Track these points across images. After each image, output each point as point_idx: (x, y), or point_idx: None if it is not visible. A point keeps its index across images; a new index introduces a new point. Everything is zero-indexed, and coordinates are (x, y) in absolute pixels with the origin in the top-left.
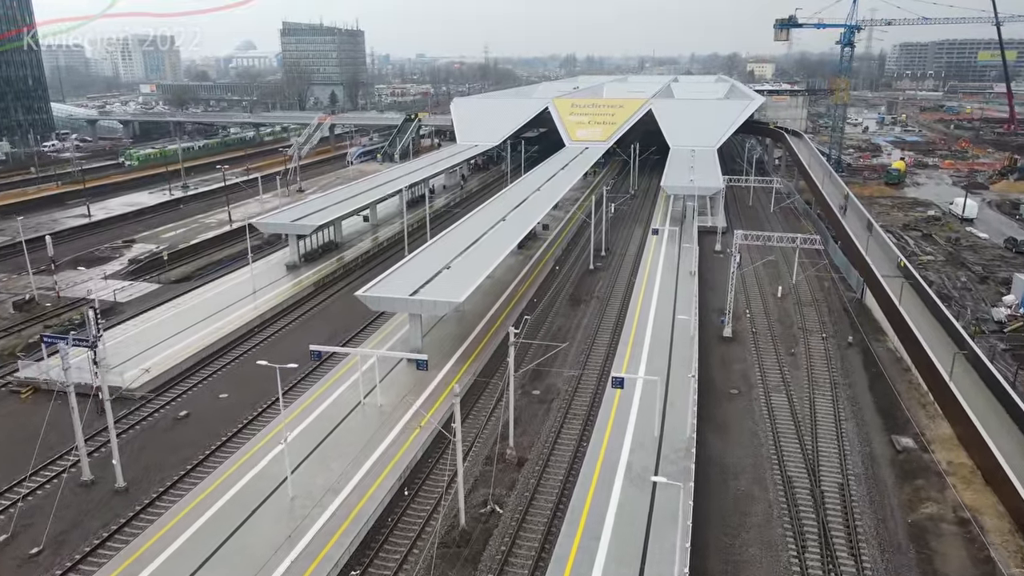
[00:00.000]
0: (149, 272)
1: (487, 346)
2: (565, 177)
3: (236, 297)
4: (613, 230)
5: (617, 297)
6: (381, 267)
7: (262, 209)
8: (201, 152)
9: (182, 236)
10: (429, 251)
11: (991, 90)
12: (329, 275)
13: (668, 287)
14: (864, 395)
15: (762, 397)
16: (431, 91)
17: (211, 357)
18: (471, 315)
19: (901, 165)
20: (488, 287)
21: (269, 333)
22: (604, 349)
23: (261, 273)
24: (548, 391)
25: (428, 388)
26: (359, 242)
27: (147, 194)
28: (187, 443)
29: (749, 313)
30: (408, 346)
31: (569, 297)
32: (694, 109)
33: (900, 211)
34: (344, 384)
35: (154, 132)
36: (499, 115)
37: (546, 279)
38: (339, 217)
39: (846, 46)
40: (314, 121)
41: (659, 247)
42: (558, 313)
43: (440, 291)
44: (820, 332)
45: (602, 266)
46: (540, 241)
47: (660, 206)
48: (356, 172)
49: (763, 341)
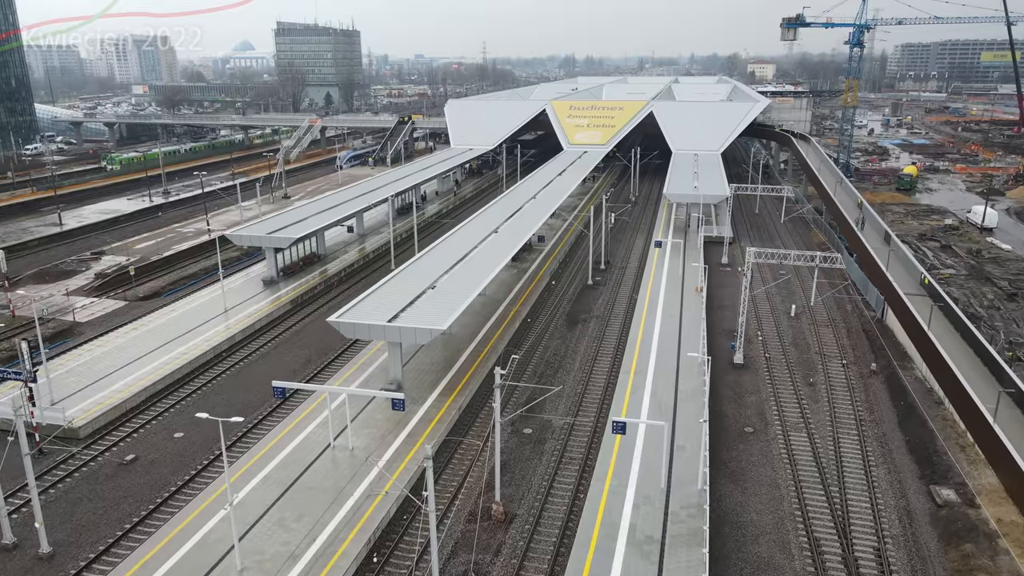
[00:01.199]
0: (116, 287)
1: (475, 374)
2: (562, 183)
3: (206, 316)
4: (613, 240)
5: (618, 316)
6: (367, 281)
7: (242, 218)
8: (187, 156)
9: (155, 247)
10: (414, 267)
11: (996, 91)
12: (309, 291)
13: (673, 306)
14: (894, 434)
15: (780, 437)
16: (428, 92)
17: (170, 388)
18: (458, 338)
19: (913, 170)
20: (478, 305)
21: (238, 358)
22: (603, 378)
23: (235, 289)
24: (541, 428)
25: (407, 427)
26: (344, 254)
27: (126, 200)
28: (130, 495)
29: (761, 335)
30: (387, 376)
31: (566, 316)
32: (697, 112)
33: (914, 219)
34: (313, 422)
35: (143, 135)
36: (495, 118)
37: (541, 296)
38: (321, 228)
39: (855, 46)
40: (304, 123)
41: (662, 260)
42: (553, 335)
43: (422, 316)
44: (839, 357)
45: (601, 281)
46: (535, 253)
47: (662, 214)
48: (346, 177)
49: (778, 368)
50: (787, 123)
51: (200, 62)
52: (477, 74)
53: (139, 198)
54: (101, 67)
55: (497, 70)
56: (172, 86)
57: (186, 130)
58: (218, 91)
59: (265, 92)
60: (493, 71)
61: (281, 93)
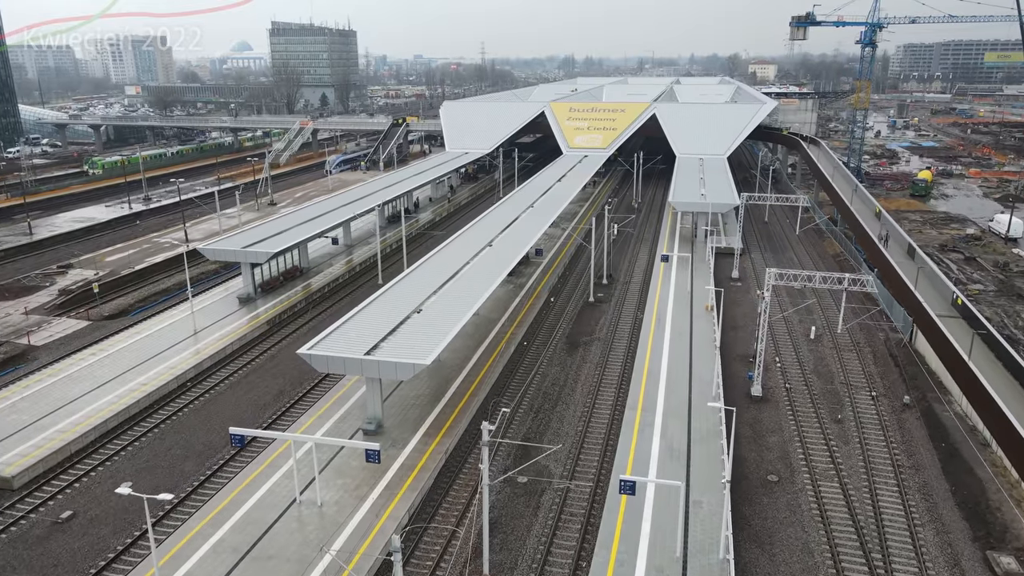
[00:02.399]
0: (80, 305)
1: (465, 409)
2: (562, 191)
3: (174, 339)
4: (615, 251)
5: (622, 338)
6: (352, 297)
7: (220, 228)
8: (173, 159)
9: (127, 260)
10: (399, 287)
11: (1001, 92)
12: (289, 309)
13: (682, 326)
14: (938, 483)
15: (809, 487)
16: (426, 93)
17: (123, 426)
18: (448, 366)
19: (928, 175)
20: (471, 327)
21: (204, 389)
22: (607, 413)
23: (209, 307)
24: (538, 472)
25: (385, 476)
26: (329, 267)
27: (104, 207)
28: (61, 562)
29: (779, 362)
30: (365, 414)
31: (565, 339)
32: (701, 114)
33: (933, 228)
34: (279, 470)
35: (130, 137)
36: (492, 120)
37: (539, 314)
38: (303, 240)
39: (867, 45)
40: (295, 126)
41: (668, 274)
42: (552, 361)
43: (405, 347)
44: (867, 387)
45: (604, 297)
46: (532, 266)
47: (667, 222)
48: (337, 183)
49: (800, 402)
50: (792, 125)
51: (198, 62)
52: (475, 75)
53: (118, 205)
54: (97, 68)
55: (496, 70)
56: (164, 87)
57: (176, 132)
58: (212, 92)
59: (259, 93)
60: (492, 71)
61: (276, 94)
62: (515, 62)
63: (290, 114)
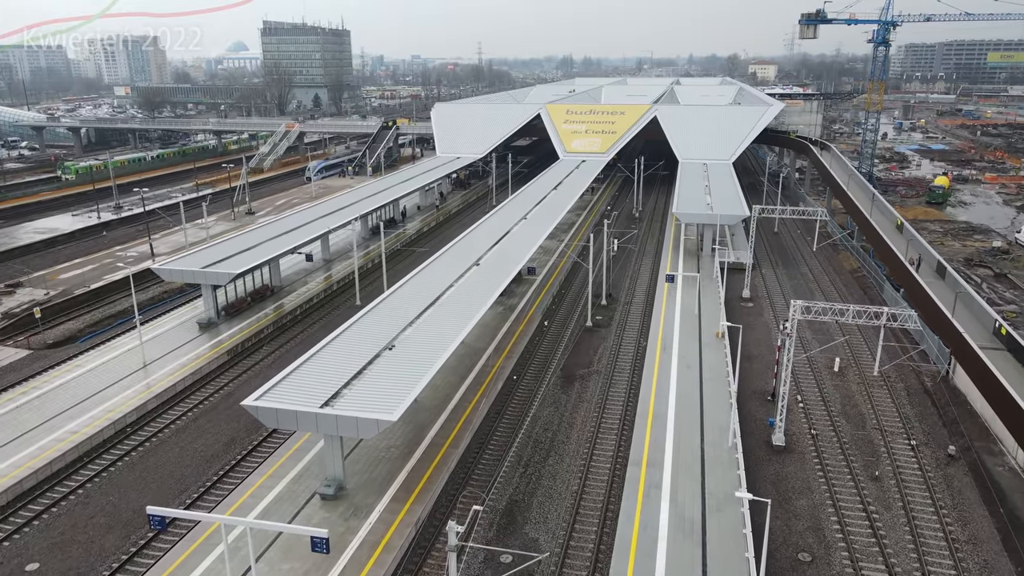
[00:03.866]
0: (24, 331)
1: (443, 464)
2: (558, 200)
3: (119, 373)
4: (615, 265)
5: (623, 371)
6: (329, 320)
7: (188, 242)
8: (154, 163)
9: (82, 278)
10: (373, 315)
11: (1006, 92)
12: (255, 335)
13: (690, 357)
14: (1000, 562)
15: (849, 569)
16: (421, 94)
17: (41, 486)
18: (425, 407)
19: (945, 181)
20: (454, 359)
21: (146, 436)
22: (607, 466)
23: (164, 335)
24: (526, 547)
25: (341, 560)
26: (304, 285)
27: (71, 216)
28: None
29: (801, 401)
30: (325, 473)
31: (560, 372)
32: (704, 116)
33: (955, 239)
34: (214, 551)
35: (113, 140)
36: (485, 122)
37: (531, 341)
38: (273, 258)
39: (880, 44)
40: (280, 128)
41: (674, 293)
42: (545, 400)
43: (369, 397)
44: (905, 434)
45: (603, 321)
46: (526, 284)
47: (670, 233)
48: (322, 189)
49: (829, 452)
50: (797, 127)
51: (194, 62)
52: (472, 75)
53: (86, 214)
54: (89, 68)
55: (493, 71)
56: (152, 87)
57: (161, 135)
58: (203, 92)
59: (250, 94)
60: (489, 72)
61: (267, 95)
62: (513, 62)
63: (281, 115)
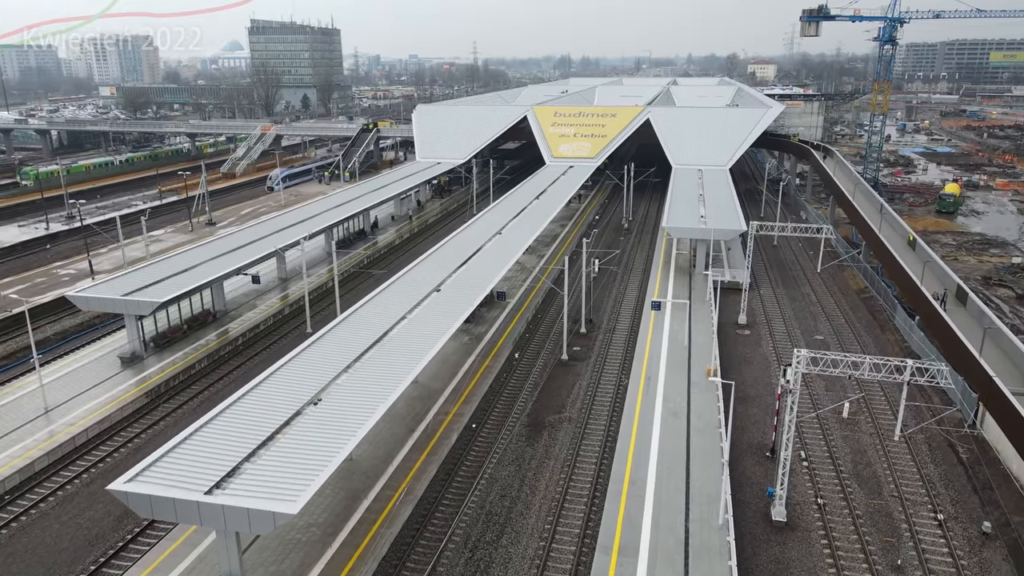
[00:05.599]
0: None
1: (372, 547)
2: (540, 210)
3: (15, 421)
4: (598, 284)
5: (599, 418)
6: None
7: (124, 260)
8: (123, 168)
9: (4, 301)
10: (304, 357)
11: (1010, 93)
12: (187, 370)
13: (676, 400)
14: None
15: None
16: (414, 94)
17: None
18: (360, 471)
19: (956, 189)
20: (402, 405)
21: (21, 508)
22: (571, 552)
23: (78, 371)
24: None
25: None
26: (253, 308)
27: (16, 228)
28: None
29: (806, 460)
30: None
31: (527, 419)
32: (700, 119)
33: (969, 254)
34: None
35: (87, 142)
36: (469, 126)
37: (496, 380)
38: (215, 279)
39: (886, 42)
40: (255, 131)
41: (661, 319)
42: (504, 457)
43: (273, 476)
44: (930, 503)
45: (581, 352)
46: (497, 309)
47: (661, 247)
48: (292, 197)
49: (840, 530)
50: (796, 129)
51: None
52: (467, 75)
53: (34, 224)
54: (81, 68)
55: (490, 71)
56: (136, 88)
57: (138, 137)
58: (190, 93)
59: (235, 94)
60: (485, 71)
61: (255, 95)
62: (511, 62)
63: (269, 116)
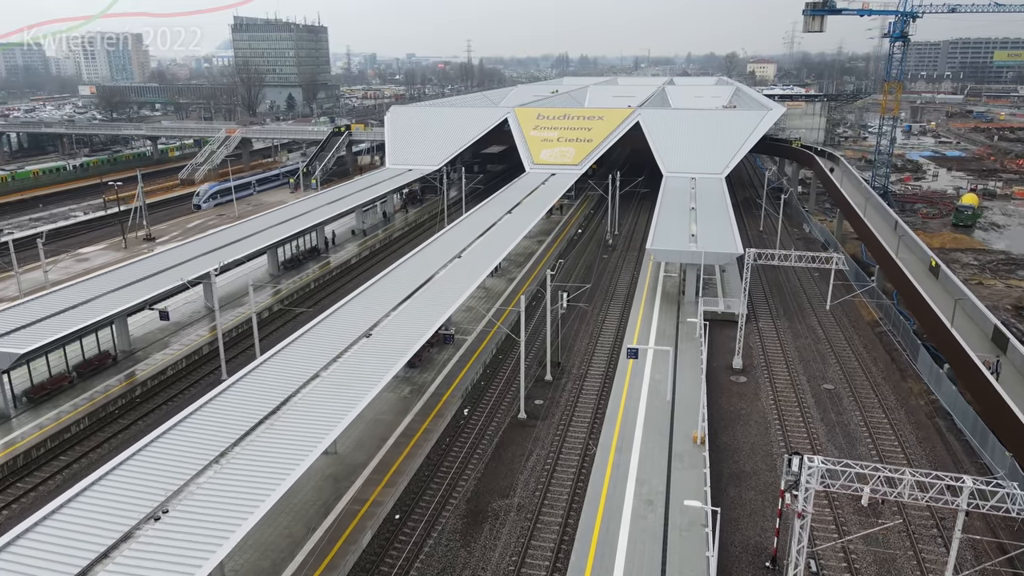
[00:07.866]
0: None
1: None
2: (512, 225)
3: None
4: (569, 317)
5: (556, 505)
6: (183, 399)
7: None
8: (76, 174)
9: None
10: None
11: (1016, 93)
12: (67, 430)
13: (654, 480)
14: None
15: None
16: (405, 93)
17: None
18: (267, 568)
19: (974, 200)
20: (311, 492)
21: None
22: None
23: None
24: None
25: None
26: (164, 348)
27: None
28: None
29: (818, 571)
30: None
31: (465, 506)
32: (694, 122)
33: (995, 276)
34: None
35: (49, 145)
36: (447, 129)
37: (437, 445)
38: (113, 316)
39: (896, 39)
40: (219, 134)
41: (641, 366)
42: (430, 562)
43: None
44: None
45: (542, 408)
46: (448, 351)
47: (647, 270)
48: (251, 207)
49: None
50: (798, 132)
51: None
52: (461, 73)
53: None
54: (69, 66)
55: (485, 70)
56: (114, 87)
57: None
58: (170, 93)
59: (215, 94)
60: (480, 71)
61: (239, 95)
62: (508, 61)
63: (252, 117)
